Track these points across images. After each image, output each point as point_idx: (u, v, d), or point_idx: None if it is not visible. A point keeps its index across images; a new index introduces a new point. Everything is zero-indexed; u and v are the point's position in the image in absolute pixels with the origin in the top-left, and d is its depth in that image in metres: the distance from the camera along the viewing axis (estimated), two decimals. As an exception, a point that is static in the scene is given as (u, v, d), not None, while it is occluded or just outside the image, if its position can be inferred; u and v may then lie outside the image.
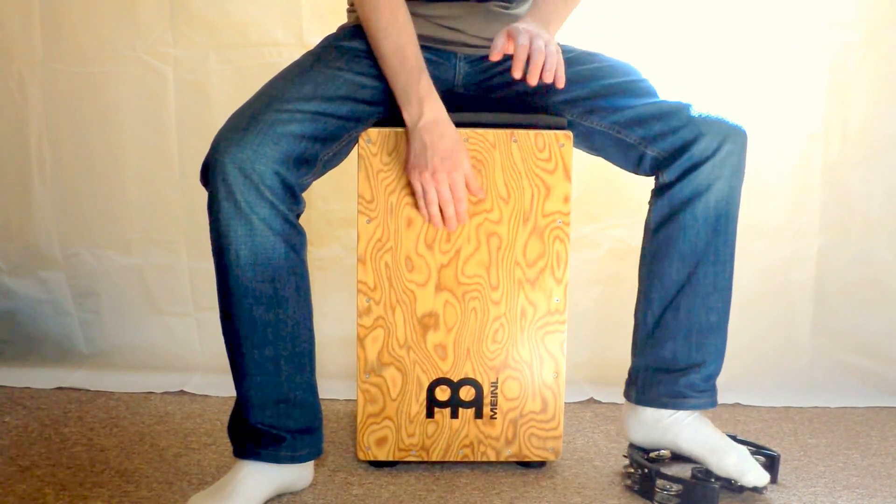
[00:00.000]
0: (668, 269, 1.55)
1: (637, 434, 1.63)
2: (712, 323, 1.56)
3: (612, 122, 1.55)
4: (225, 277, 1.43)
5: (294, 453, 1.50)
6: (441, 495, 1.56)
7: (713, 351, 1.58)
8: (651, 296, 1.58)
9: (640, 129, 1.53)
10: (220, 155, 1.38)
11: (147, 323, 2.24)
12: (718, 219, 1.51)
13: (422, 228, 1.57)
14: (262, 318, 1.44)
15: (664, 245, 1.55)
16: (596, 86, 1.57)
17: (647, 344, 1.60)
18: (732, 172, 1.50)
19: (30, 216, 2.23)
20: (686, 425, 1.58)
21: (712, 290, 1.54)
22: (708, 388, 1.59)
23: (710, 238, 1.52)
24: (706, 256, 1.53)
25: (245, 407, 1.48)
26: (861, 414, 2.03)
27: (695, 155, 1.48)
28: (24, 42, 2.16)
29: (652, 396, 1.60)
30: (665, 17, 2.14)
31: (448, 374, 1.61)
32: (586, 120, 1.57)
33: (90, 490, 1.54)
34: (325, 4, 2.10)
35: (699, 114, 1.50)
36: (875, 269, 2.22)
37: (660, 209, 1.55)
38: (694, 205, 1.50)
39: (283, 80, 1.51)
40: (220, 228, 1.40)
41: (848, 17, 2.14)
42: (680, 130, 1.49)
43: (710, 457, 1.56)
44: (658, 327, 1.58)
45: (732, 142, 1.48)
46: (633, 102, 1.54)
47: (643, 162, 1.55)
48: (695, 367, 1.57)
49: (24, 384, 2.05)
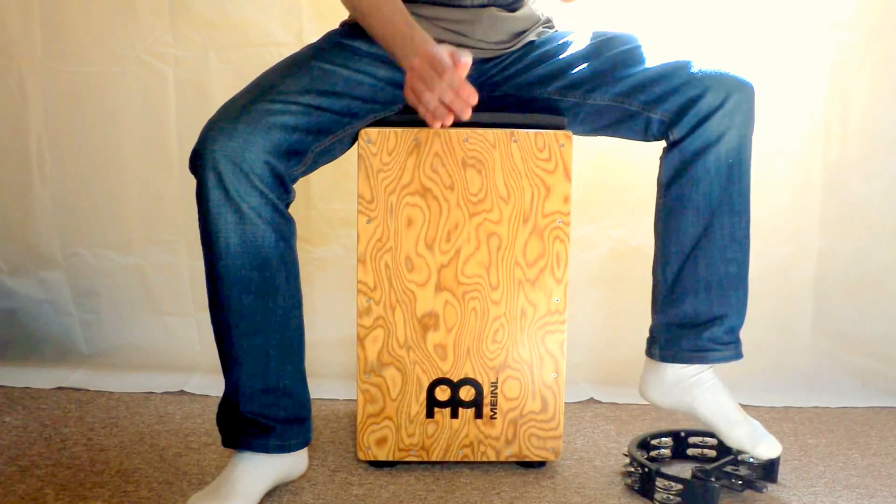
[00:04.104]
0: (684, 224, 1.53)
1: (655, 393, 1.61)
2: (732, 274, 1.54)
3: (614, 94, 1.54)
4: (214, 265, 1.43)
5: (283, 442, 1.50)
6: (441, 495, 1.56)
7: (734, 303, 1.56)
8: (668, 251, 1.56)
9: (642, 94, 1.52)
10: (210, 143, 1.38)
11: (147, 323, 2.24)
12: (731, 168, 1.49)
13: (422, 228, 1.57)
14: (251, 307, 1.44)
15: (678, 199, 1.53)
16: (594, 63, 1.56)
17: (668, 301, 1.57)
18: (743, 122, 1.48)
19: (30, 216, 2.23)
20: (705, 389, 1.57)
21: (730, 241, 1.52)
22: (732, 340, 1.57)
23: (724, 188, 1.50)
24: (721, 207, 1.51)
25: (234, 396, 1.48)
26: (861, 414, 2.03)
27: (702, 109, 1.47)
28: (24, 42, 2.16)
29: (675, 352, 1.58)
30: (665, 17, 2.14)
31: (448, 374, 1.61)
32: (589, 98, 1.56)
33: (90, 490, 1.54)
34: (325, 4, 2.10)
35: (700, 70, 1.49)
36: (875, 269, 2.22)
37: (671, 163, 1.53)
38: (705, 156, 1.49)
39: (279, 72, 1.51)
40: (209, 216, 1.40)
41: (848, 17, 2.14)
42: (683, 88, 1.48)
43: (724, 425, 1.56)
44: (677, 283, 1.56)
45: (739, 93, 1.47)
46: (631, 71, 1.53)
47: (650, 127, 1.54)
48: (717, 320, 1.55)
49: (24, 384, 2.05)
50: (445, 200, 1.57)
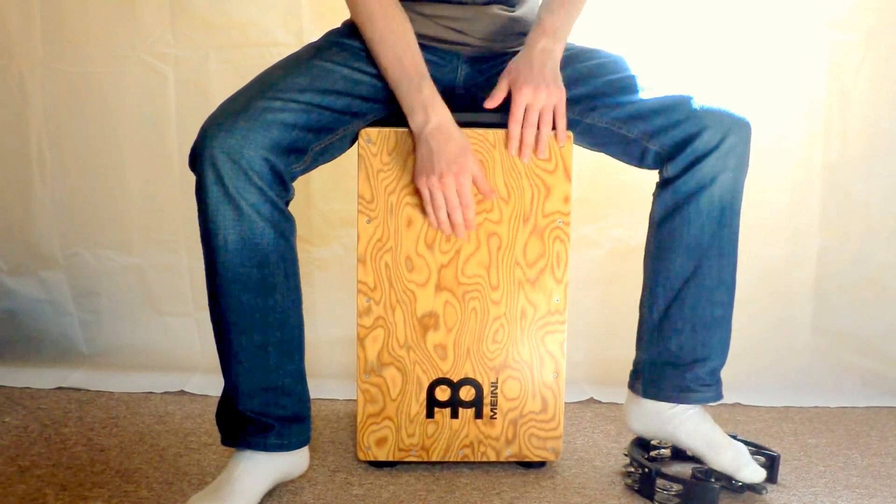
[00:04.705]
0: (673, 263, 1.54)
1: (637, 424, 1.63)
2: (717, 317, 1.55)
3: (613, 118, 1.55)
4: (213, 262, 1.43)
5: (282, 441, 1.50)
6: (441, 495, 1.56)
7: (717, 345, 1.57)
8: (656, 289, 1.57)
9: (642, 123, 1.52)
10: (210, 140, 1.38)
11: (147, 323, 2.24)
12: (723, 211, 1.50)
13: (422, 228, 1.57)
14: (250, 304, 1.44)
15: (669, 238, 1.54)
16: (597, 83, 1.56)
17: (653, 337, 1.59)
18: (737, 164, 1.49)
19: (30, 216, 2.23)
20: (686, 419, 1.58)
21: (717, 283, 1.54)
22: (713, 381, 1.58)
23: (715, 231, 1.51)
24: (711, 250, 1.52)
25: (233, 394, 1.48)
26: (861, 414, 2.03)
27: (698, 148, 1.48)
28: (25, 42, 2.16)
29: (658, 390, 1.59)
30: (665, 17, 2.14)
31: (448, 374, 1.61)
32: (587, 117, 1.56)
33: (90, 490, 1.54)
34: (325, 4, 2.10)
35: (701, 106, 1.49)
36: (875, 269, 2.22)
37: (664, 202, 1.54)
38: (698, 198, 1.50)
39: (279, 70, 1.51)
40: (208, 213, 1.40)
41: (848, 17, 2.14)
42: (682, 124, 1.49)
43: (708, 451, 1.56)
44: (664, 321, 1.57)
45: (736, 134, 1.47)
46: (633, 98, 1.53)
47: (646, 157, 1.54)
48: (700, 362, 1.56)
49: (24, 384, 2.05)
50: (445, 200, 1.56)
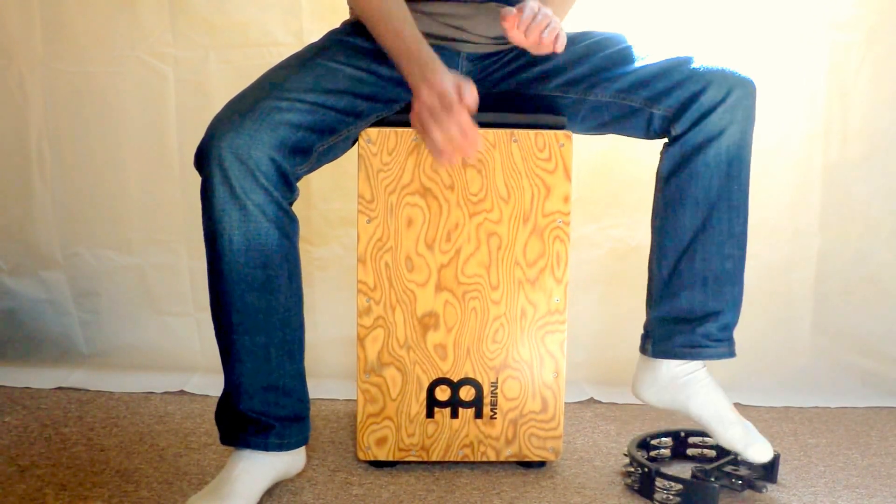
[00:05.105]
0: (682, 217, 1.53)
1: (649, 391, 1.60)
2: (728, 270, 1.54)
3: (615, 90, 1.55)
4: (217, 263, 1.42)
5: (282, 441, 1.50)
6: (441, 495, 1.56)
7: (730, 299, 1.55)
8: (665, 245, 1.56)
9: (644, 90, 1.52)
10: (217, 140, 1.38)
11: (147, 323, 2.24)
12: (731, 164, 1.50)
13: (422, 228, 1.57)
14: (254, 305, 1.44)
15: (677, 193, 1.53)
16: (594, 60, 1.57)
17: (663, 295, 1.57)
18: (744, 117, 1.49)
19: (30, 216, 2.23)
20: (700, 388, 1.56)
21: (727, 236, 1.52)
22: (725, 337, 1.57)
23: (724, 183, 1.50)
24: (720, 202, 1.51)
25: (234, 394, 1.48)
26: (861, 414, 2.03)
27: (704, 104, 1.47)
28: (25, 42, 2.16)
29: (669, 348, 1.57)
30: (665, 16, 2.14)
31: (448, 374, 1.61)
32: (590, 95, 1.57)
33: (90, 490, 1.54)
34: (326, 4, 2.10)
35: (702, 65, 1.49)
36: (875, 269, 2.22)
37: (671, 157, 1.53)
38: (706, 151, 1.49)
39: (284, 70, 1.51)
40: (213, 213, 1.40)
41: (848, 17, 2.14)
42: (685, 83, 1.49)
43: (717, 425, 1.55)
44: (673, 277, 1.55)
45: (741, 88, 1.47)
46: (632, 67, 1.54)
47: (653, 122, 1.54)
48: (712, 316, 1.55)
49: (24, 384, 2.05)
50: (446, 200, 1.57)
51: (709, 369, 1.59)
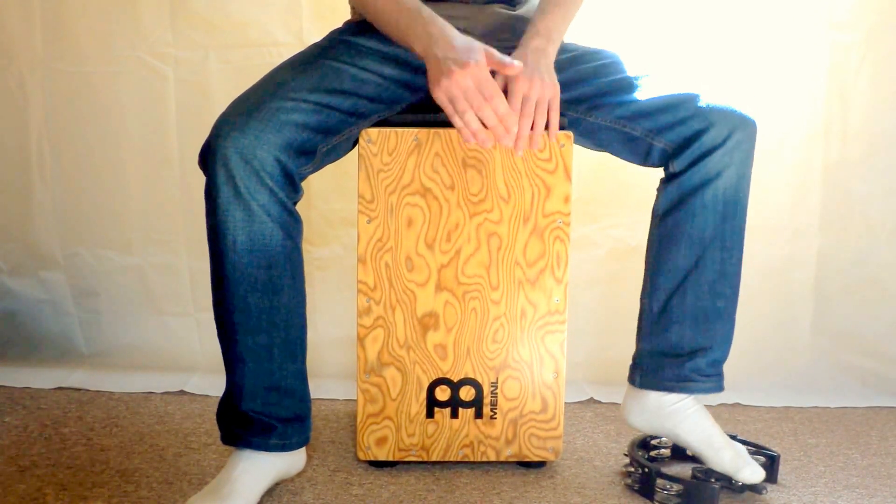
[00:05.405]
0: (676, 255, 1.54)
1: (637, 419, 1.61)
2: (719, 308, 1.55)
3: (616, 116, 1.55)
4: (221, 263, 1.42)
5: (283, 441, 1.50)
6: (441, 495, 1.56)
7: (720, 336, 1.56)
8: (658, 281, 1.57)
9: (647, 121, 1.52)
10: (222, 139, 1.38)
11: (147, 323, 2.24)
12: (727, 205, 1.50)
13: (422, 228, 1.57)
14: (257, 305, 1.44)
15: (672, 230, 1.54)
16: (600, 83, 1.57)
17: (653, 328, 1.58)
18: (742, 160, 1.49)
19: (30, 216, 2.23)
20: (688, 415, 1.57)
21: (719, 275, 1.53)
22: (714, 373, 1.58)
23: (719, 224, 1.51)
24: (714, 242, 1.52)
25: (236, 394, 1.48)
26: (861, 414, 2.03)
27: (705, 143, 1.48)
28: (25, 42, 2.16)
29: (657, 380, 1.58)
30: (665, 17, 2.14)
31: (448, 374, 1.61)
32: (591, 116, 1.57)
33: (90, 490, 1.54)
34: (326, 4, 2.10)
35: (707, 104, 1.49)
36: (875, 269, 2.22)
37: (669, 195, 1.54)
38: (703, 191, 1.50)
39: (289, 70, 1.51)
40: (217, 213, 1.39)
41: (848, 17, 2.14)
42: (689, 121, 1.49)
43: (707, 450, 1.56)
44: (664, 312, 1.56)
45: (742, 131, 1.48)
46: (637, 96, 1.54)
47: (651, 154, 1.54)
48: (700, 352, 1.56)
49: (24, 384, 2.05)
50: (446, 200, 1.57)
51: (697, 398, 1.60)
